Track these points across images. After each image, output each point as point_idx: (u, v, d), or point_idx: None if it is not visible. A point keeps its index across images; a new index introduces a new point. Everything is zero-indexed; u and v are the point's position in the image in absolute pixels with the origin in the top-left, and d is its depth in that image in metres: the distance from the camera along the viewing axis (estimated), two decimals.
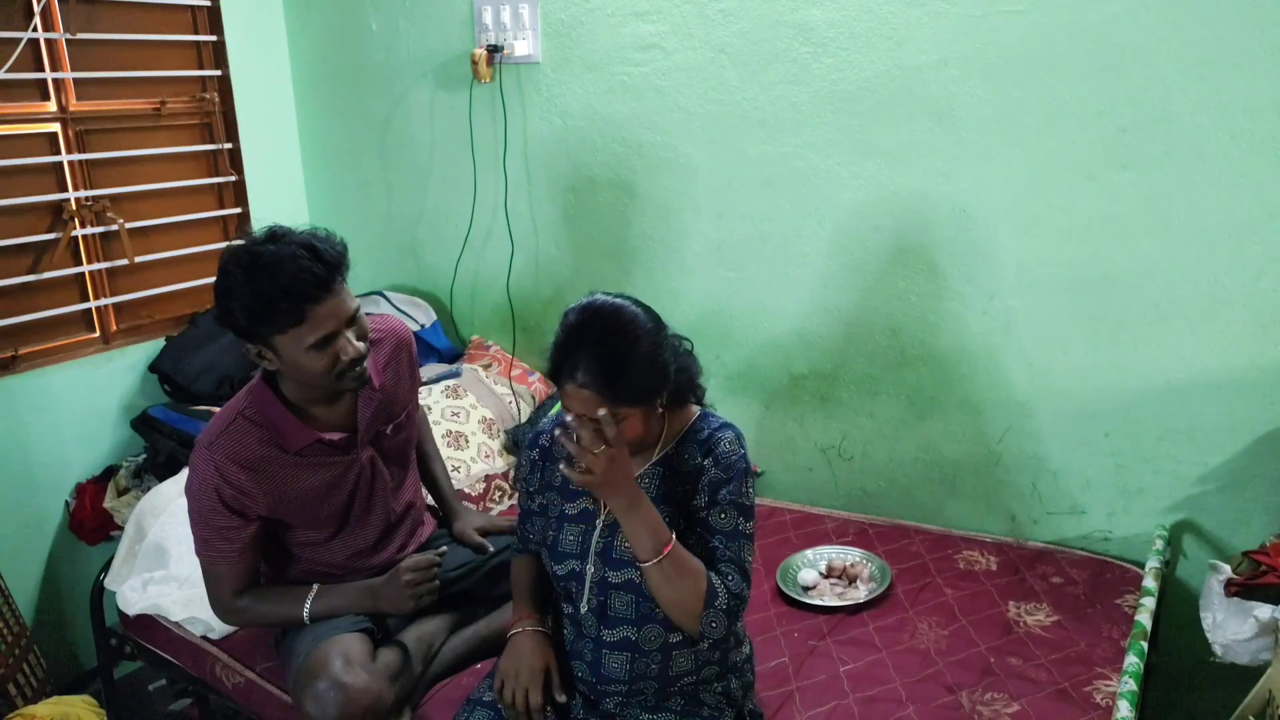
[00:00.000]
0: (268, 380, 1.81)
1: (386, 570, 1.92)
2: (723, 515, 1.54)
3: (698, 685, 1.64)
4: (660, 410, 1.56)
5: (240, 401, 1.81)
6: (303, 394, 1.80)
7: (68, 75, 2.65)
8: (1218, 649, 1.81)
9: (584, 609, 1.61)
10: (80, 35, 2.64)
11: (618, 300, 1.49)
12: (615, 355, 1.43)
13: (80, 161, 2.70)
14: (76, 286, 2.74)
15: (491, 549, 2.06)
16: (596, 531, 1.60)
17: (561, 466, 1.47)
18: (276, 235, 1.70)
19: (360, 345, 1.74)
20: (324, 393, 1.80)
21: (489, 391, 2.82)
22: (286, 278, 1.63)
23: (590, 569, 1.59)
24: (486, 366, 2.91)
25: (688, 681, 1.63)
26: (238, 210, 3.09)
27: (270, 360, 1.73)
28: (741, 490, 1.55)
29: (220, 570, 1.82)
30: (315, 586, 1.86)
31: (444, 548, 2.02)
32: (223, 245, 3.06)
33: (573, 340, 1.45)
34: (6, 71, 2.48)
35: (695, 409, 1.64)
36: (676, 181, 2.66)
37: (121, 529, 2.50)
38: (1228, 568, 1.84)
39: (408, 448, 2.03)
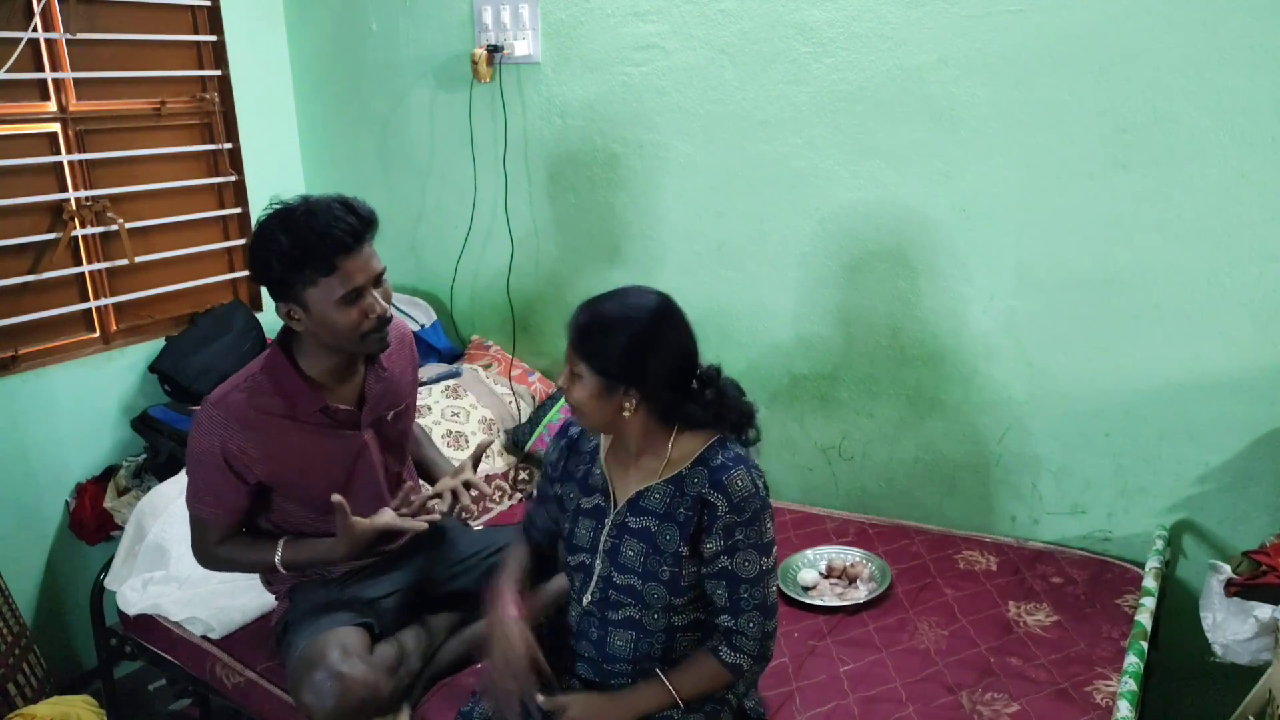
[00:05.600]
0: (283, 349, 1.85)
1: (377, 563, 1.97)
2: (746, 562, 1.54)
3: None
4: (626, 412, 1.54)
5: (253, 366, 1.86)
6: (319, 364, 1.85)
7: (68, 75, 2.65)
8: (1218, 649, 1.81)
9: (586, 601, 1.64)
10: (80, 35, 2.64)
11: (652, 291, 1.59)
12: (604, 316, 1.53)
13: (80, 161, 2.70)
14: (76, 286, 2.74)
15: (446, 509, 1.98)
16: (606, 529, 1.62)
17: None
18: (309, 198, 1.77)
19: (386, 305, 1.80)
20: (344, 358, 1.85)
21: (489, 391, 2.82)
22: (322, 226, 1.69)
23: (599, 564, 1.62)
24: (486, 366, 2.92)
25: None
26: (238, 210, 3.09)
27: (300, 319, 1.77)
28: (761, 530, 1.55)
29: (207, 523, 1.86)
30: (284, 538, 1.86)
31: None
32: (223, 245, 3.08)
33: (598, 296, 1.57)
34: (6, 71, 2.48)
35: (712, 435, 1.61)
36: (677, 182, 2.66)
37: (121, 529, 2.50)
38: (1228, 568, 1.84)
39: (405, 440, 2.05)
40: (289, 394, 1.83)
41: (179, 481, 2.48)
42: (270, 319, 2.62)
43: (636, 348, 1.51)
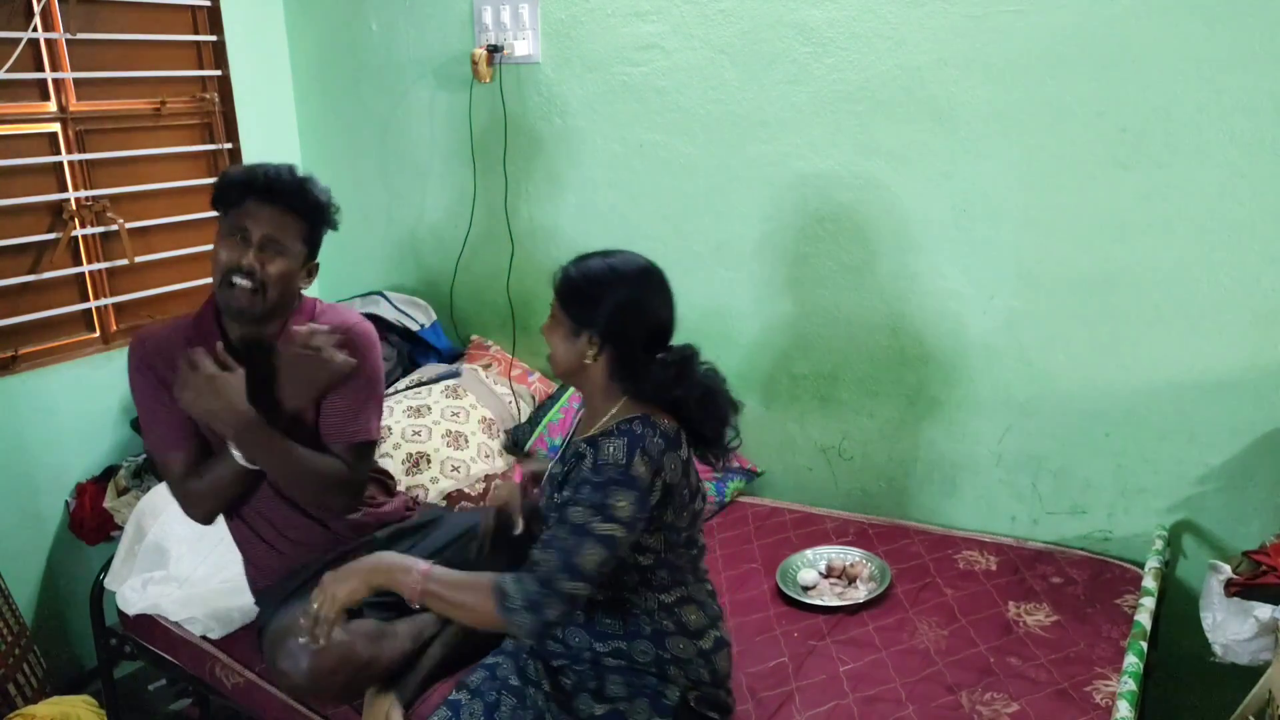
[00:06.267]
0: (215, 304, 1.91)
1: (347, 558, 1.94)
2: (577, 512, 1.51)
3: (632, 668, 1.63)
4: (588, 359, 1.60)
5: (186, 314, 1.95)
6: (232, 324, 1.90)
7: (68, 75, 2.65)
8: (1218, 649, 1.81)
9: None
10: (80, 35, 2.64)
11: (642, 258, 1.65)
12: (588, 265, 1.62)
13: (80, 161, 2.70)
14: (76, 286, 2.74)
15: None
16: (547, 491, 1.68)
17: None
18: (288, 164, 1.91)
19: (252, 262, 1.81)
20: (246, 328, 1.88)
21: (489, 391, 2.82)
22: (262, 169, 1.84)
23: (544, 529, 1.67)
24: (486, 366, 2.92)
25: (617, 647, 1.62)
26: None
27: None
28: (605, 494, 1.51)
29: (170, 459, 1.87)
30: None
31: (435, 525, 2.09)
32: None
33: (592, 252, 1.67)
34: (6, 71, 2.48)
35: (634, 407, 1.61)
36: (676, 181, 2.66)
37: (121, 529, 2.50)
38: (1228, 568, 1.84)
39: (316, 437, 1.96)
40: (202, 331, 1.88)
41: None
42: None
43: (605, 295, 1.58)
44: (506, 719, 1.67)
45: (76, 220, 2.68)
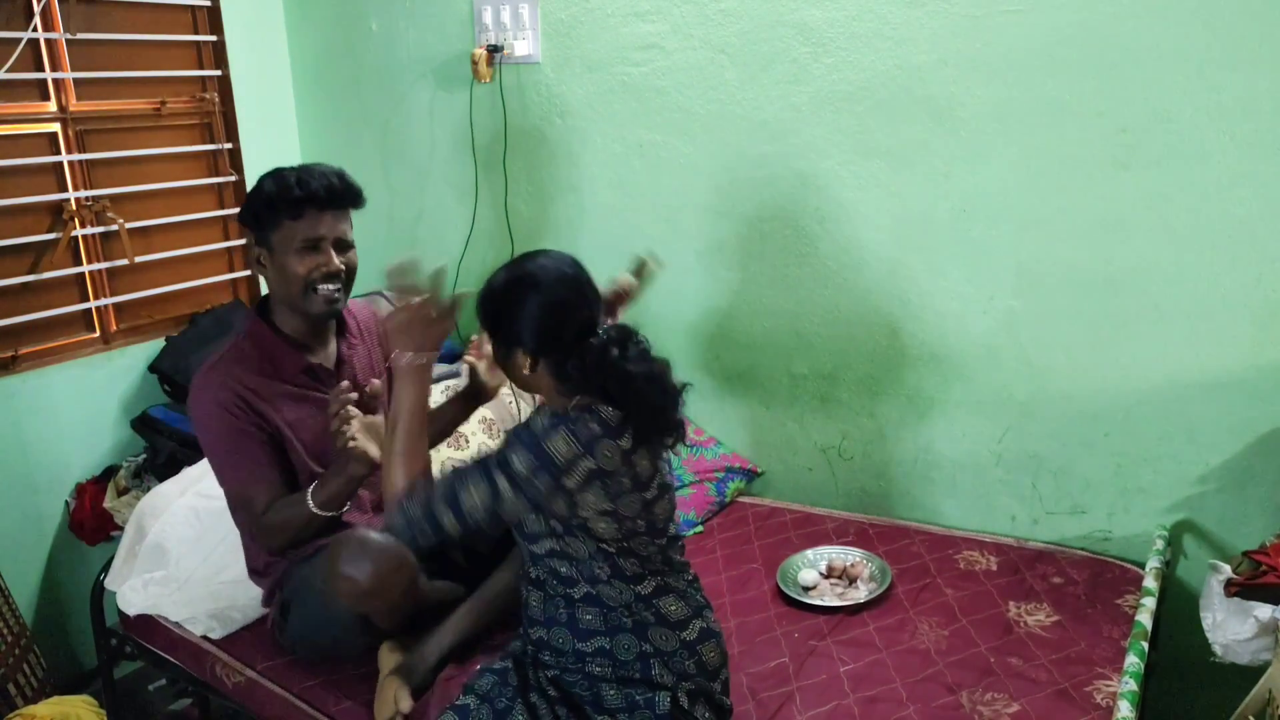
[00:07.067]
0: (262, 316, 1.96)
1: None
2: (490, 454, 1.55)
3: (619, 677, 1.61)
4: (525, 370, 1.60)
5: (235, 337, 1.95)
6: (292, 323, 1.94)
7: (68, 75, 2.65)
8: (1218, 649, 1.81)
9: None
10: (80, 35, 2.65)
11: (542, 255, 1.63)
12: (490, 282, 1.61)
13: (80, 161, 2.70)
14: (76, 286, 2.75)
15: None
16: None
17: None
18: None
19: (339, 264, 1.89)
20: (311, 321, 1.93)
21: None
22: (306, 178, 1.87)
23: None
24: None
25: (600, 646, 1.61)
26: (238, 210, 3.09)
27: (265, 265, 1.91)
28: (511, 449, 1.53)
29: (251, 495, 1.87)
30: (313, 484, 1.86)
31: None
32: (223, 245, 3.09)
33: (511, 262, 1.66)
34: (6, 71, 2.48)
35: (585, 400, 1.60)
36: (676, 181, 2.66)
37: (121, 529, 2.50)
38: (1228, 568, 1.84)
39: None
40: (272, 356, 1.91)
41: (179, 481, 2.48)
42: None
43: (516, 310, 1.58)
44: None
45: (76, 220, 2.68)
